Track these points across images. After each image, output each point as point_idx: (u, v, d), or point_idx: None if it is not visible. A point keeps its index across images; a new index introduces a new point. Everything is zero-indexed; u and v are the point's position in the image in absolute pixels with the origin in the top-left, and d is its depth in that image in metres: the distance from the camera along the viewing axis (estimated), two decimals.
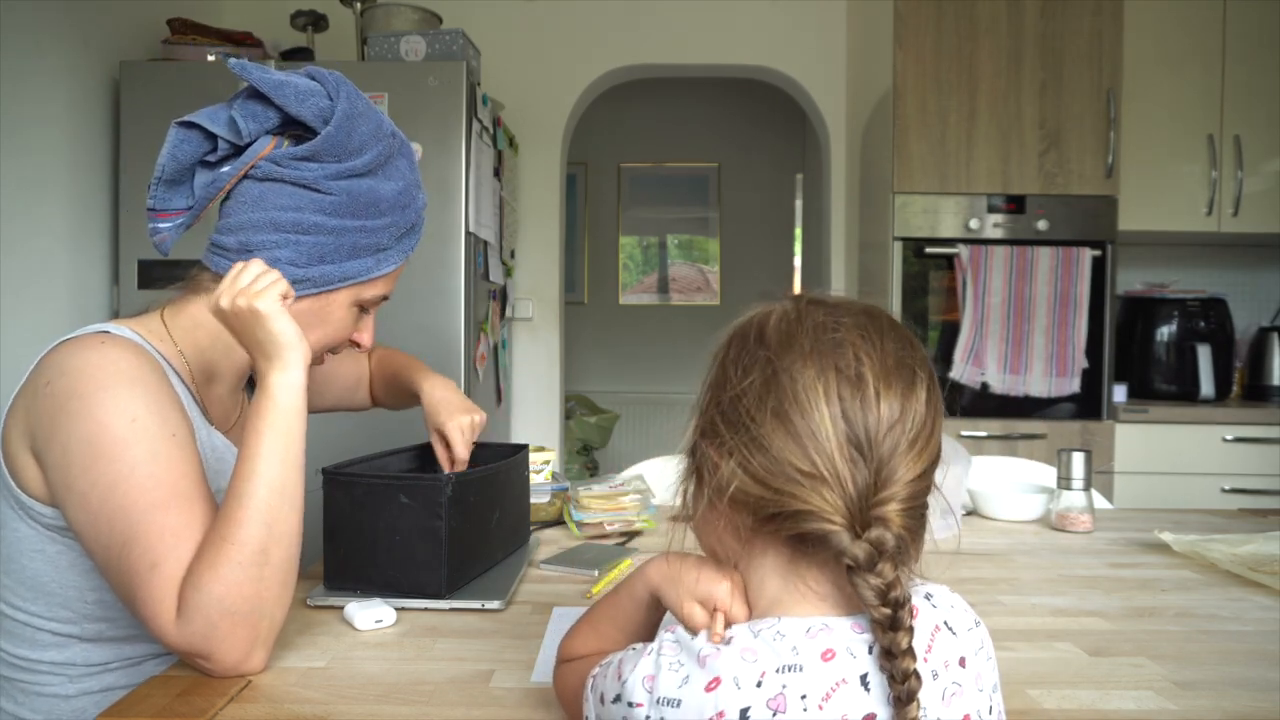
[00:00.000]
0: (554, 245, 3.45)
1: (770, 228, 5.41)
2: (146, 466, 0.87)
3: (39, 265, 2.22)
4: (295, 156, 0.98)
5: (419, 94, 2.42)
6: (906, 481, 0.60)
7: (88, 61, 2.40)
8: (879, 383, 0.61)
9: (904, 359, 0.63)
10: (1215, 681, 0.89)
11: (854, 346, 0.62)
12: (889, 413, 0.60)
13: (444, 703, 0.82)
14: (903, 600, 0.58)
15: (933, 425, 0.62)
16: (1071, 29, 2.70)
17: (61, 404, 0.89)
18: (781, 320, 0.65)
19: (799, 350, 0.62)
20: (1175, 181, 2.96)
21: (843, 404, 0.60)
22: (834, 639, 0.59)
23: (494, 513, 1.22)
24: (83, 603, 0.96)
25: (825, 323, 0.64)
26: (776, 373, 0.62)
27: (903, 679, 0.56)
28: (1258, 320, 3.30)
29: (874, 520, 0.58)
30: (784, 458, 0.60)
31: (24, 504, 0.94)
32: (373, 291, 1.08)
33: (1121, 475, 2.75)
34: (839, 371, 0.61)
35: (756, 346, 0.64)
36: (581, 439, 4.67)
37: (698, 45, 3.41)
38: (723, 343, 0.68)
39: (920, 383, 0.63)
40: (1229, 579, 1.25)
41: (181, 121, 0.97)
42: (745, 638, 0.60)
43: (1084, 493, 1.53)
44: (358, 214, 1.01)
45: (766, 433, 0.61)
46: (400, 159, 1.06)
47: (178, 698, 0.81)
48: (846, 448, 0.59)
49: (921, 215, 2.73)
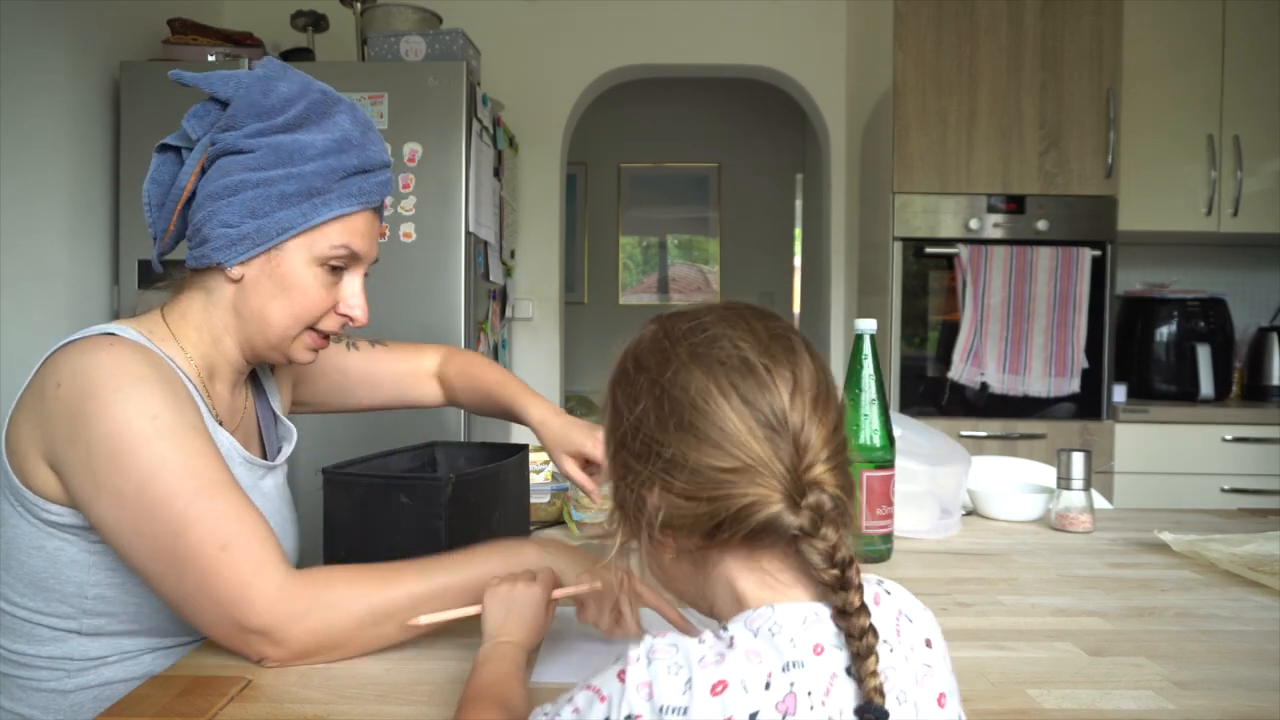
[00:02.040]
0: (554, 245, 3.45)
1: (770, 228, 5.41)
2: (176, 458, 0.89)
3: (39, 265, 2.22)
4: (219, 128, 0.99)
5: (419, 94, 2.42)
6: (824, 441, 0.60)
7: (88, 61, 2.40)
8: (764, 359, 0.61)
9: (776, 330, 0.64)
10: (1215, 681, 0.89)
11: (726, 337, 0.62)
12: (784, 384, 0.61)
13: (444, 703, 0.82)
14: (849, 560, 0.58)
15: (827, 380, 0.63)
16: (1071, 29, 2.70)
17: (78, 407, 0.89)
18: (651, 341, 0.66)
19: (677, 360, 0.62)
20: (1175, 181, 2.96)
21: (739, 391, 0.60)
22: (823, 632, 0.58)
23: (494, 513, 1.22)
24: (82, 598, 0.96)
25: (691, 327, 0.64)
26: (665, 390, 0.62)
27: (860, 635, 0.56)
28: (1257, 320, 3.30)
29: (807, 486, 0.59)
30: (705, 465, 0.59)
31: (26, 500, 0.94)
32: (325, 242, 1.01)
33: (1121, 475, 2.75)
34: (722, 364, 0.61)
35: (637, 375, 0.65)
36: None
37: (698, 45, 3.41)
38: (608, 387, 0.68)
39: (799, 345, 0.64)
40: (1228, 579, 1.25)
41: (158, 146, 1.03)
42: (745, 637, 0.58)
43: (1084, 493, 1.53)
44: (283, 163, 0.99)
45: (678, 450, 0.60)
46: (339, 115, 1.02)
47: (178, 698, 0.81)
48: (760, 430, 0.59)
49: (921, 215, 2.73)
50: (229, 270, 1.00)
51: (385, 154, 1.06)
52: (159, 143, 1.03)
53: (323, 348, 1.09)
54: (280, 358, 1.07)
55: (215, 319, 1.03)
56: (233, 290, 1.02)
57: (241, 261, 1.00)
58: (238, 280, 1.01)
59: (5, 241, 2.10)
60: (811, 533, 0.58)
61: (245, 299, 1.02)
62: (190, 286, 1.04)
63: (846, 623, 0.57)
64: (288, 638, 0.87)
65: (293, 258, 1.01)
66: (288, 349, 1.06)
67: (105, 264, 2.47)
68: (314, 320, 1.05)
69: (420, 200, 2.42)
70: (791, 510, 0.59)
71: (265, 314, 1.02)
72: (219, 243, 0.99)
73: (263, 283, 1.01)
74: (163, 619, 0.98)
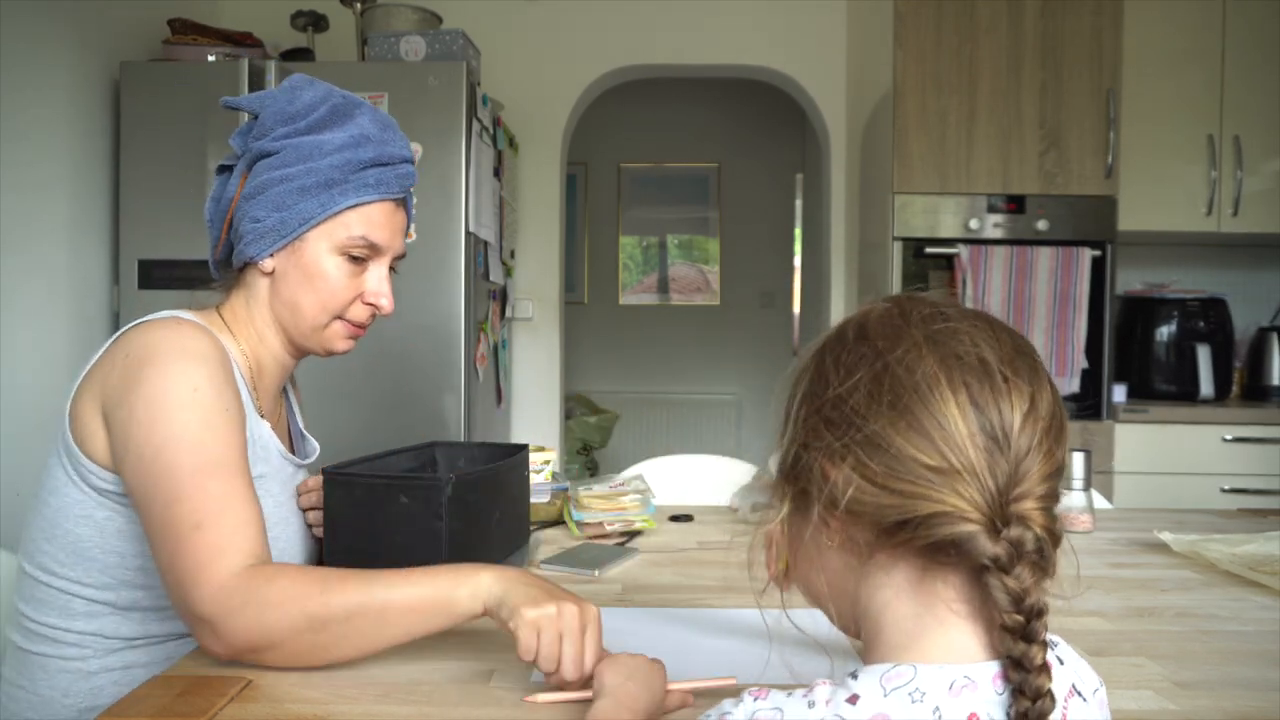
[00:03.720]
0: (554, 245, 3.45)
1: (770, 228, 5.41)
2: (198, 432, 0.92)
3: (39, 265, 2.22)
4: (253, 137, 1.06)
5: (419, 94, 2.42)
6: (1043, 477, 0.53)
7: (88, 61, 2.40)
8: (1005, 368, 0.55)
9: (1022, 348, 0.57)
10: (1215, 681, 0.89)
11: (969, 335, 0.56)
12: (1020, 401, 0.54)
13: (444, 703, 0.82)
14: (1039, 609, 0.51)
15: (1063, 418, 0.57)
16: (1071, 29, 2.70)
17: (135, 370, 0.95)
18: (884, 316, 0.59)
19: (910, 340, 0.56)
20: (1175, 181, 2.96)
21: (969, 390, 0.53)
22: (978, 700, 0.50)
23: (494, 513, 1.22)
24: (124, 569, 1.00)
25: (933, 314, 0.58)
26: (888, 365, 0.55)
27: (1034, 696, 0.49)
28: (1257, 320, 3.30)
29: (1013, 518, 0.52)
30: (908, 454, 0.53)
31: (82, 468, 0.98)
32: (344, 232, 1.06)
33: (1121, 475, 2.75)
34: (959, 358, 0.55)
35: (858, 344, 0.58)
36: (581, 439, 4.67)
37: (698, 45, 3.41)
38: (812, 354, 0.61)
39: (1043, 371, 0.57)
40: (1229, 579, 1.25)
41: (216, 168, 1.12)
42: (874, 698, 0.50)
43: (1084, 493, 1.53)
44: (303, 160, 1.05)
45: (883, 429, 0.54)
46: (360, 116, 1.08)
47: (178, 698, 0.81)
48: (981, 438, 0.53)
49: (921, 215, 2.73)
50: (261, 264, 1.07)
51: (405, 149, 1.11)
52: (217, 164, 1.12)
53: (358, 336, 1.14)
54: (319, 347, 1.12)
55: (257, 315, 1.10)
56: (267, 283, 1.09)
57: (270, 254, 1.07)
58: (270, 273, 1.08)
59: (5, 241, 2.10)
60: (1006, 568, 0.51)
61: (278, 290, 1.08)
62: (236, 286, 1.12)
63: (1021, 679, 0.50)
64: (224, 630, 0.85)
65: (314, 247, 1.06)
66: (322, 338, 1.11)
67: (105, 264, 2.47)
68: (341, 309, 1.10)
69: (420, 200, 2.42)
70: (990, 536, 0.52)
71: (296, 303, 1.08)
72: (250, 238, 1.06)
73: (290, 273, 1.07)
74: None
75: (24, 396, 2.15)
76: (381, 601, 0.86)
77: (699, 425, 5.34)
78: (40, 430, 2.19)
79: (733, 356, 5.36)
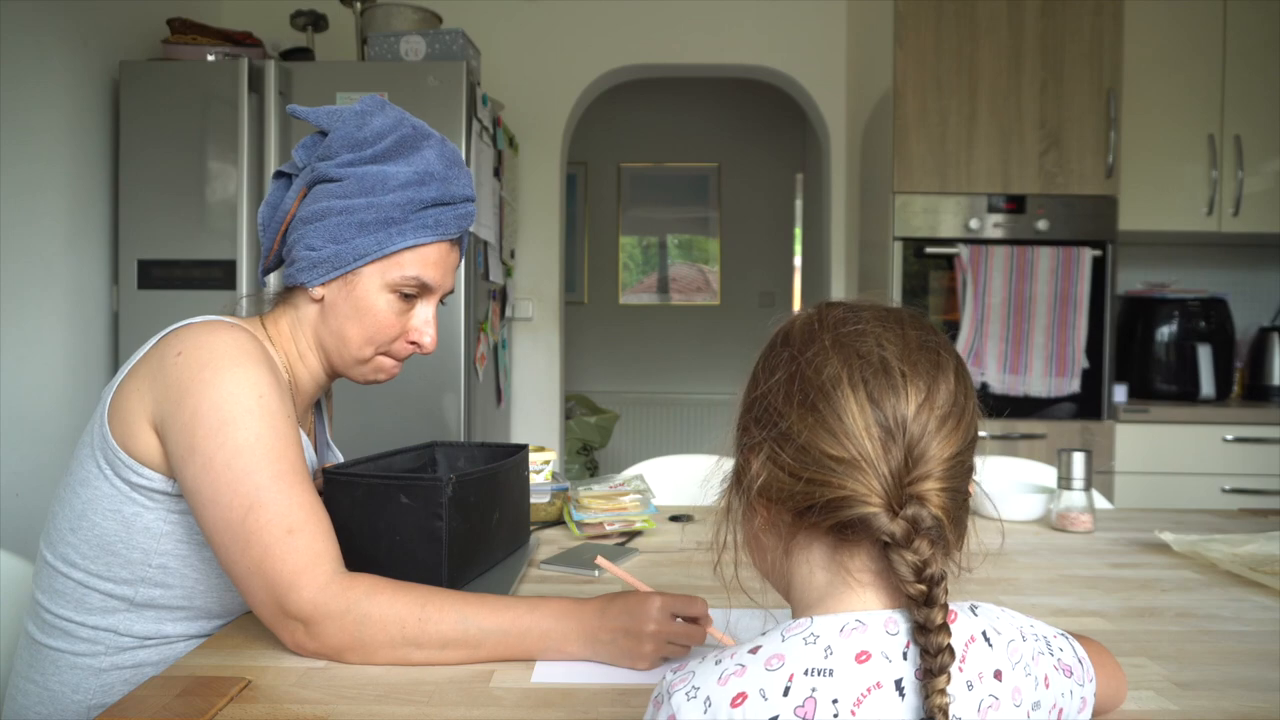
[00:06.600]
0: (554, 245, 3.45)
1: (770, 228, 5.41)
2: (270, 439, 0.94)
3: (39, 266, 2.22)
4: (318, 157, 1.07)
5: (419, 94, 2.42)
6: (941, 460, 0.60)
7: (88, 61, 2.40)
8: (903, 364, 0.61)
9: (927, 342, 0.64)
10: (1215, 681, 0.88)
11: (875, 335, 0.63)
12: (916, 393, 0.60)
13: (444, 703, 0.82)
14: (938, 577, 0.57)
15: (964, 404, 0.62)
16: (1071, 29, 2.70)
17: (195, 373, 0.95)
18: (804, 322, 0.67)
19: (819, 344, 0.63)
20: (1175, 181, 2.96)
21: (868, 388, 0.60)
22: (869, 639, 0.57)
23: (494, 513, 1.22)
24: (145, 566, 1.00)
25: (845, 318, 0.65)
26: (800, 367, 0.63)
27: (935, 652, 0.55)
28: (1258, 320, 3.30)
29: (910, 499, 0.59)
30: (814, 445, 0.60)
31: (118, 462, 0.98)
32: (398, 271, 1.07)
33: (1121, 475, 2.75)
34: (861, 358, 0.62)
35: (782, 349, 0.66)
36: (581, 439, 4.67)
37: (698, 45, 3.41)
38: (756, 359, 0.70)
39: (946, 363, 0.63)
40: (1229, 579, 1.25)
41: (275, 173, 1.12)
42: (773, 643, 0.58)
43: (1084, 493, 1.53)
44: (365, 193, 1.05)
45: (794, 424, 0.61)
46: (427, 149, 1.08)
47: (177, 698, 0.81)
48: (876, 429, 0.59)
49: (921, 215, 2.73)
50: (311, 291, 1.08)
51: (468, 188, 1.12)
52: (275, 170, 1.13)
53: (395, 374, 1.15)
54: (359, 378, 1.13)
55: (300, 336, 1.11)
56: (316, 310, 1.10)
57: (322, 283, 1.07)
58: (319, 300, 1.08)
59: (5, 242, 2.10)
60: (903, 544, 0.58)
61: (325, 319, 1.09)
62: (282, 302, 1.13)
63: (925, 639, 0.56)
64: (321, 632, 0.90)
65: (367, 283, 1.07)
66: (363, 370, 1.12)
67: (105, 264, 2.47)
68: (386, 344, 1.11)
69: None
70: (888, 515, 0.58)
71: (343, 334, 1.09)
72: (303, 264, 1.07)
73: (340, 304, 1.08)
74: (211, 601, 1.03)
75: (24, 396, 2.15)
76: (477, 635, 0.91)
77: (699, 425, 5.34)
78: (40, 429, 2.19)
79: (733, 356, 5.36)
